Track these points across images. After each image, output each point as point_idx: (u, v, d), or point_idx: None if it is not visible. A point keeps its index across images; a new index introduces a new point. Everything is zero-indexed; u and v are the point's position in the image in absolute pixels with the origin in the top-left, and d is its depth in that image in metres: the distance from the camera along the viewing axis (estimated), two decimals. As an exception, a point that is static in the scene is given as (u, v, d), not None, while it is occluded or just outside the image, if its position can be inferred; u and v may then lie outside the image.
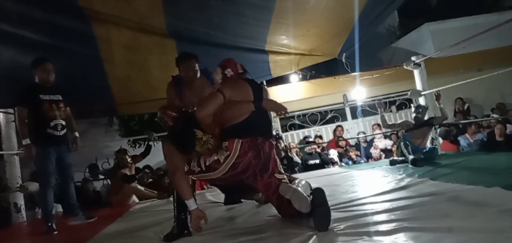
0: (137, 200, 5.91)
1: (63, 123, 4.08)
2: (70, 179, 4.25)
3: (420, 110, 5.59)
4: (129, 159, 6.13)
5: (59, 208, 5.61)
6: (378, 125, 8.24)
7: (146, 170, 6.86)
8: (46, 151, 3.94)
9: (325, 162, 7.32)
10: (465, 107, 9.33)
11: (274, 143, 2.94)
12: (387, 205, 2.68)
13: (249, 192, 3.26)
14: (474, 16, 10.14)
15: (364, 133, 8.51)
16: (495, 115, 8.16)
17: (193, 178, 2.74)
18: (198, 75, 3.42)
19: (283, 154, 7.04)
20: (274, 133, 7.81)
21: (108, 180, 7.13)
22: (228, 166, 2.61)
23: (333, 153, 7.42)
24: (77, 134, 4.30)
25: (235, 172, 2.64)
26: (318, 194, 2.37)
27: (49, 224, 3.92)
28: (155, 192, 6.04)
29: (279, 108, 2.85)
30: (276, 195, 2.68)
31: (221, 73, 2.90)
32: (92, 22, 4.45)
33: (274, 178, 2.73)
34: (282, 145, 7.60)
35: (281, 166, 2.89)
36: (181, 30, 4.83)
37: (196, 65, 3.38)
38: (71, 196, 4.22)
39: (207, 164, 2.66)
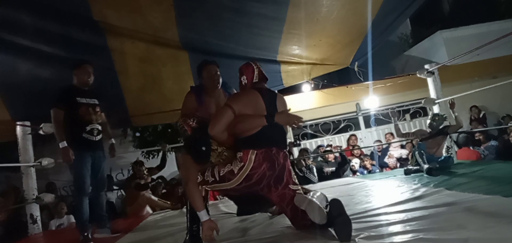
0: (150, 211, 5.95)
1: (99, 128, 3.93)
2: (102, 188, 4.09)
3: (437, 118, 5.53)
4: (145, 171, 6.19)
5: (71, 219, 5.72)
6: (391, 134, 8.16)
7: (159, 181, 6.91)
8: (82, 156, 3.75)
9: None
10: (481, 114, 9.19)
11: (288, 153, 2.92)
12: (402, 216, 2.66)
13: (262, 204, 3.24)
14: (488, 23, 9.99)
15: (380, 142, 8.43)
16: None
17: (206, 188, 2.74)
18: (220, 83, 3.43)
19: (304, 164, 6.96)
20: (292, 140, 7.81)
21: (123, 191, 7.20)
22: (242, 177, 2.61)
23: (355, 162, 7.37)
24: (113, 140, 4.21)
25: (249, 183, 2.64)
26: (335, 205, 2.36)
27: (85, 233, 3.72)
28: (169, 202, 6.07)
29: (292, 120, 2.76)
30: (290, 206, 2.67)
31: (239, 78, 2.90)
32: (107, 35, 4.50)
33: (288, 189, 2.71)
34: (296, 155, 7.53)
35: (295, 177, 2.87)
36: (194, 42, 4.87)
37: (218, 71, 3.40)
38: (102, 207, 4.06)
39: (221, 174, 2.66)
